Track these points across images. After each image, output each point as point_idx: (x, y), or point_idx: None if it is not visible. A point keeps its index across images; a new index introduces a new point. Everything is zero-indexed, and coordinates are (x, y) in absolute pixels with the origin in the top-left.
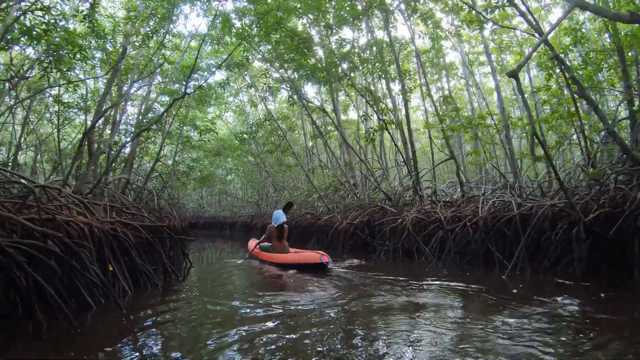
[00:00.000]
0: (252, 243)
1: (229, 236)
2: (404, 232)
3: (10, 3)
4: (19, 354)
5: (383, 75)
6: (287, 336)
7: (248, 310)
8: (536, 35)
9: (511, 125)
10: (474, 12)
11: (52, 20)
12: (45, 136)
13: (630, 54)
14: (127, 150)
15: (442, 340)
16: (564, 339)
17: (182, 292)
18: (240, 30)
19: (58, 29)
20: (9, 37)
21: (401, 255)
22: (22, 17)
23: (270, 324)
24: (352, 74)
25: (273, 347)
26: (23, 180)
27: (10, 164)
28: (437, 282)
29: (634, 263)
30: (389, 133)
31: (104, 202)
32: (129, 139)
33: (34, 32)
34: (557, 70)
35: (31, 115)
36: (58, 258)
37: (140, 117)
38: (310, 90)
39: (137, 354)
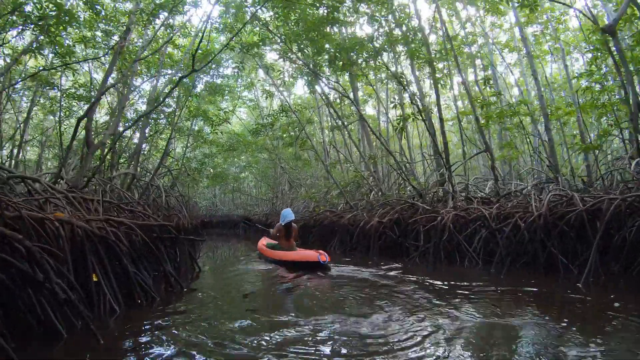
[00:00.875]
0: (263, 241)
1: (243, 235)
2: (444, 231)
3: None
4: None
5: (409, 59)
6: None
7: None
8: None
9: (550, 115)
10: None
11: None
12: (50, 131)
13: None
14: (136, 145)
15: None
16: None
17: (185, 310)
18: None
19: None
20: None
21: (442, 257)
22: None
23: None
24: (377, 60)
25: None
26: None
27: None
28: (511, 293)
29: None
30: (423, 119)
31: (97, 197)
32: (128, 126)
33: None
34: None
35: (35, 108)
36: (18, 268)
37: (146, 106)
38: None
39: None
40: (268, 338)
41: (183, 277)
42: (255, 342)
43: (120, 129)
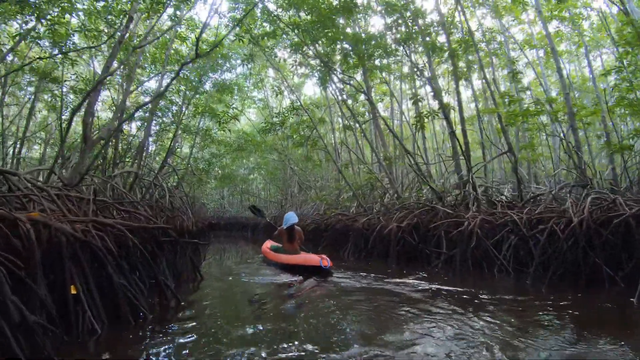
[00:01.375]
0: (267, 244)
1: (251, 238)
2: (471, 238)
3: None
4: None
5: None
6: None
7: None
8: None
9: (576, 113)
10: None
11: None
12: (54, 128)
13: None
14: (140, 143)
15: None
16: None
17: (177, 330)
18: None
19: None
20: None
21: (470, 266)
22: None
23: None
24: (395, 54)
25: None
26: None
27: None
28: (565, 310)
29: None
30: (445, 116)
31: (87, 195)
32: (126, 118)
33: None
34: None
35: (39, 105)
36: None
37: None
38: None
39: None
40: None
41: (183, 287)
42: None
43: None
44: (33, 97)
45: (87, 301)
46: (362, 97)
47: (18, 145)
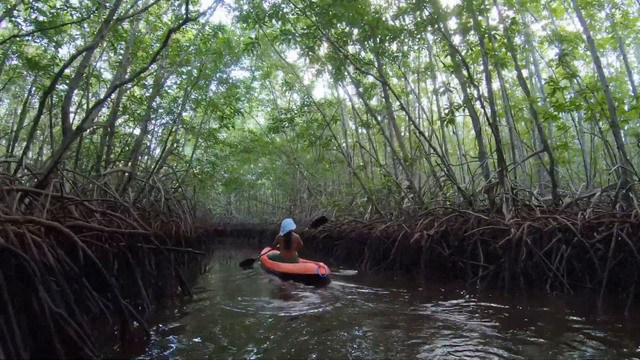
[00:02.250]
0: (266, 251)
1: (258, 245)
2: (519, 248)
3: None
4: None
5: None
6: None
7: None
8: None
9: (617, 109)
10: None
11: None
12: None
13: None
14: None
15: None
16: None
17: None
18: None
19: None
20: None
21: (522, 282)
22: None
23: None
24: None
25: None
26: None
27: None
28: None
29: None
30: (482, 107)
31: (46, 192)
32: (101, 100)
33: None
34: None
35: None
36: None
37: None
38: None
39: None
40: None
41: (163, 309)
42: None
43: (119, 120)
44: (27, 92)
45: (3, 335)
46: (374, 100)
47: (11, 143)
